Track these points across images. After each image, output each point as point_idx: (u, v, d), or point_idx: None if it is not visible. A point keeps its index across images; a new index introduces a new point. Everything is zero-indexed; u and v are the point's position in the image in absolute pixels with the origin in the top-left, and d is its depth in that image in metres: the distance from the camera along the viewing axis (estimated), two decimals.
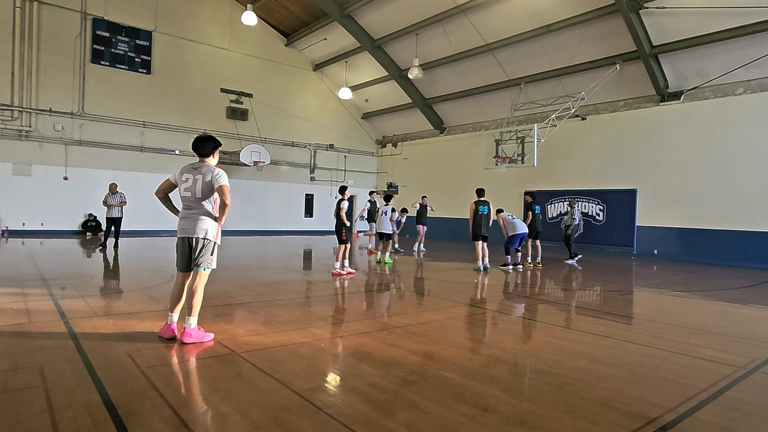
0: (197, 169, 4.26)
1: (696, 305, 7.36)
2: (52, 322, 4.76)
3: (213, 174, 4.21)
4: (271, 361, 3.76)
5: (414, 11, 17.07)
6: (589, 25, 14.22)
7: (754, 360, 4.21)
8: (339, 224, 9.11)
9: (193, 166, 4.31)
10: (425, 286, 8.58)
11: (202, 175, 4.21)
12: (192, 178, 4.23)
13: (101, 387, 3.11)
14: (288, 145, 21.94)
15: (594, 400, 3.16)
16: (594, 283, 9.35)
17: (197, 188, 4.19)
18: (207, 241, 4.22)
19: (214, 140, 4.44)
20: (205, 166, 4.27)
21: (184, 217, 4.26)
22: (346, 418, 2.77)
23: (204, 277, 4.27)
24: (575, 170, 16.62)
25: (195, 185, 4.20)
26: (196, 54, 19.43)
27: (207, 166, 4.28)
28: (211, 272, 4.39)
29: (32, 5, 15.93)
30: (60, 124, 16.51)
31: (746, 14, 11.76)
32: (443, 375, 3.58)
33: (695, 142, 13.83)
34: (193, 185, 4.21)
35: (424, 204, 14.90)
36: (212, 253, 4.27)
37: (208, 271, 4.29)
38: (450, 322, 5.48)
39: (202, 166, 4.28)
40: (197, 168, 4.27)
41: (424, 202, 14.97)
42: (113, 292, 6.83)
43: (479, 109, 19.67)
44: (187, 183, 4.23)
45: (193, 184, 4.21)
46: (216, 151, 4.44)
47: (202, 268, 4.22)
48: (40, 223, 16.23)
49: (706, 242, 13.52)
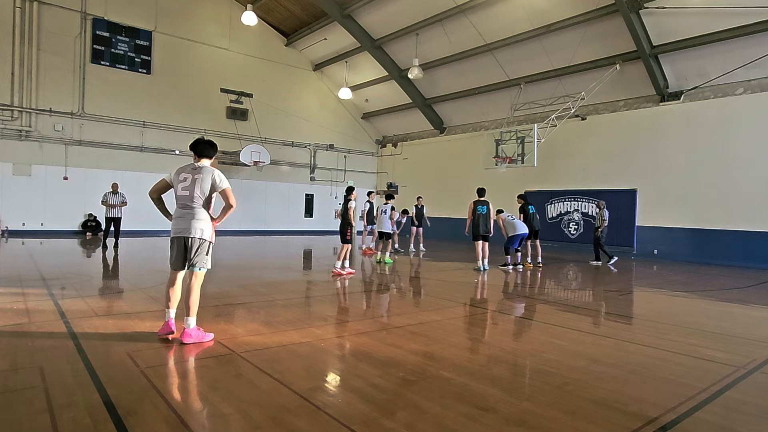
0: (197, 170, 4.29)
1: (696, 305, 7.36)
2: (52, 322, 4.76)
3: (213, 176, 4.27)
4: (271, 361, 3.76)
5: (414, 11, 17.07)
6: (589, 25, 14.21)
7: (754, 360, 4.21)
8: (345, 224, 9.09)
9: (192, 166, 4.34)
10: (425, 286, 8.58)
11: (201, 175, 4.24)
12: (191, 177, 4.24)
13: (101, 387, 3.11)
14: (288, 145, 21.94)
15: (594, 400, 3.16)
16: (594, 283, 9.35)
17: (196, 188, 4.21)
18: (203, 241, 4.24)
19: (216, 147, 4.55)
20: (205, 168, 4.31)
21: (180, 216, 4.26)
22: (346, 418, 2.77)
23: (200, 276, 4.29)
24: (575, 170, 16.62)
25: (194, 185, 4.22)
26: (196, 54, 19.43)
27: (207, 168, 4.32)
28: (210, 272, 4.40)
29: (32, 5, 15.94)
30: (60, 124, 16.52)
31: (746, 14, 11.76)
32: (443, 375, 3.58)
33: (695, 142, 13.83)
34: (191, 185, 4.22)
35: (422, 206, 14.95)
36: (207, 252, 4.30)
37: (204, 270, 4.31)
38: (450, 322, 5.47)
39: (202, 167, 4.32)
40: (197, 169, 4.30)
41: (420, 203, 15.02)
42: (113, 292, 6.83)
43: (479, 109, 19.67)
44: (185, 182, 4.24)
45: (192, 183, 4.22)
46: (214, 157, 4.55)
47: (197, 267, 4.25)
48: (40, 223, 16.23)
49: (706, 242, 13.51)
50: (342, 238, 9.13)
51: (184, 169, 4.32)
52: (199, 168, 4.30)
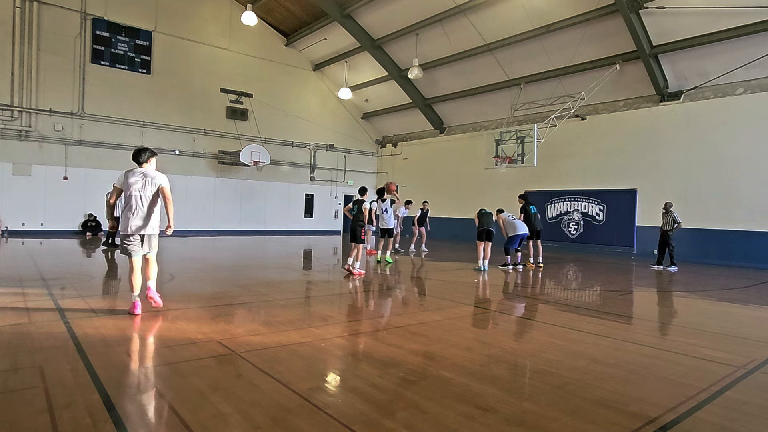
0: (144, 173, 5.11)
1: (696, 305, 7.36)
2: (52, 322, 4.76)
3: (156, 177, 5.13)
4: (271, 361, 3.76)
5: (414, 11, 17.06)
6: (589, 25, 14.21)
7: (754, 360, 4.21)
8: (360, 224, 9.07)
9: (139, 171, 5.13)
10: (425, 286, 8.58)
11: (150, 178, 5.10)
12: (142, 181, 5.07)
13: (101, 387, 3.11)
14: (288, 145, 21.94)
15: (594, 400, 3.16)
16: (594, 283, 9.35)
17: (147, 189, 5.05)
18: (154, 235, 5.22)
19: (150, 150, 5.32)
20: (150, 171, 5.16)
21: (135, 215, 5.04)
22: (346, 418, 2.77)
23: (155, 256, 5.36)
24: (575, 170, 16.62)
25: (145, 187, 5.06)
26: (196, 54, 19.43)
27: (152, 171, 5.17)
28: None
29: (32, 5, 15.93)
30: (60, 124, 16.51)
31: (746, 14, 11.76)
32: (443, 375, 3.58)
33: (695, 142, 13.83)
34: (143, 187, 5.05)
35: (427, 209, 15.18)
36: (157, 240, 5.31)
37: (156, 251, 5.35)
38: (450, 322, 5.47)
39: (147, 171, 5.14)
40: (144, 172, 5.12)
41: (426, 207, 15.24)
42: (113, 292, 6.83)
43: (479, 109, 19.67)
44: (137, 185, 5.04)
45: (143, 185, 5.05)
46: (154, 158, 5.30)
47: (152, 253, 5.29)
48: (40, 223, 16.22)
49: (706, 242, 13.50)
50: (356, 238, 9.07)
51: (135, 173, 5.08)
52: (146, 172, 5.12)
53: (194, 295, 6.59)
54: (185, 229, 19.04)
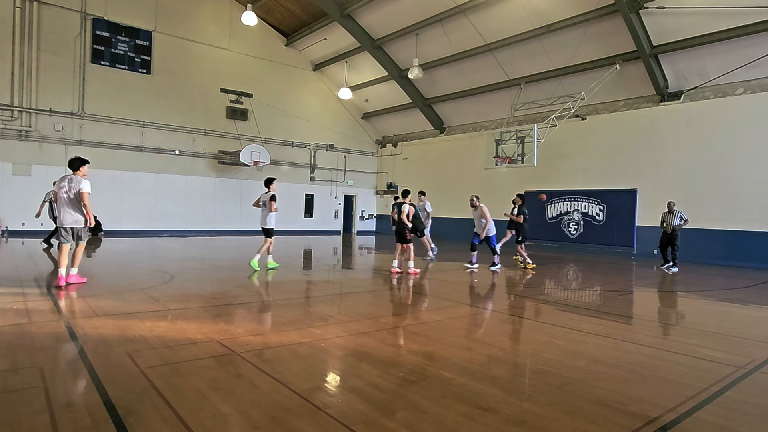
0: (71, 179, 6.64)
1: (696, 305, 7.36)
2: (52, 322, 4.76)
3: (80, 182, 6.62)
4: (271, 361, 3.76)
5: (414, 11, 17.07)
6: (589, 25, 14.21)
7: (754, 360, 4.21)
8: (404, 227, 9.61)
9: (68, 177, 6.66)
10: (425, 286, 8.58)
11: (75, 182, 6.62)
12: (68, 185, 6.62)
13: (101, 387, 3.11)
14: (288, 145, 21.94)
15: (594, 400, 3.16)
16: (594, 283, 9.35)
17: (71, 192, 6.58)
18: (83, 227, 6.75)
19: (81, 159, 6.80)
20: (76, 178, 6.66)
21: (66, 212, 6.62)
22: (346, 418, 2.77)
23: (84, 244, 6.88)
24: (575, 170, 16.62)
25: (70, 190, 6.59)
26: (196, 54, 19.43)
27: (77, 177, 6.67)
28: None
29: (32, 5, 15.93)
30: (60, 124, 16.51)
31: (746, 14, 11.76)
32: (443, 375, 3.58)
33: (695, 142, 13.82)
34: (68, 190, 6.60)
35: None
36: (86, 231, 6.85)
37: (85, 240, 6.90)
38: (450, 322, 5.47)
39: (74, 177, 6.66)
40: (71, 179, 6.64)
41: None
42: (113, 292, 6.82)
43: (479, 109, 19.67)
44: (64, 188, 6.61)
45: (69, 189, 6.60)
46: (84, 167, 6.77)
47: (83, 240, 6.84)
48: (40, 223, 16.19)
49: (706, 242, 13.50)
50: (403, 240, 9.62)
51: (65, 179, 6.62)
52: (73, 178, 6.63)
53: (194, 295, 6.59)
54: (185, 229, 19.06)
